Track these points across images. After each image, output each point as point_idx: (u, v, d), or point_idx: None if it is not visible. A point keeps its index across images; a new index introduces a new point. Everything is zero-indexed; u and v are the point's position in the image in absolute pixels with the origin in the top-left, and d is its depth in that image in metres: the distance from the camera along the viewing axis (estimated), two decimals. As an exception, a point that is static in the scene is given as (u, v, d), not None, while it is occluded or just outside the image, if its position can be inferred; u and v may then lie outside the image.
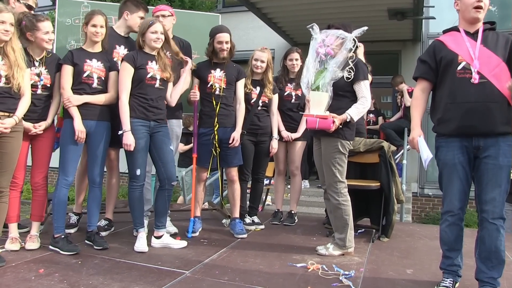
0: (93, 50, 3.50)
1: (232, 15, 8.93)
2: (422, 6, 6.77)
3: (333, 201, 3.42)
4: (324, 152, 3.43)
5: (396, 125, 7.26)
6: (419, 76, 2.82)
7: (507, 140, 2.60)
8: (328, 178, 3.43)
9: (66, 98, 3.34)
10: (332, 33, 3.26)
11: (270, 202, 6.59)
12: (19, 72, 3.10)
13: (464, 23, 2.72)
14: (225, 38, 3.96)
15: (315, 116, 3.22)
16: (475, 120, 2.55)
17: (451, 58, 2.64)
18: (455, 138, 2.65)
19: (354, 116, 3.35)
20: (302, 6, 6.69)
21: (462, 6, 2.67)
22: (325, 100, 3.23)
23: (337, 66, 3.21)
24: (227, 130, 3.97)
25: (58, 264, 3.07)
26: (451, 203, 2.68)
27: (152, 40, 3.46)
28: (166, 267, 3.07)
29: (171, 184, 3.58)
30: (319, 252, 3.46)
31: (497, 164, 2.57)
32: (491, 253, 2.59)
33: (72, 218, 4.02)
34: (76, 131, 3.30)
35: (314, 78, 3.25)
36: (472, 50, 2.60)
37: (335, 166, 3.38)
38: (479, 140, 2.59)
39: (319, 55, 3.25)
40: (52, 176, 5.34)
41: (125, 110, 3.39)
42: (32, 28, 3.34)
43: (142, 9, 3.91)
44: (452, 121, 2.62)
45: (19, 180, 3.39)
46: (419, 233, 4.40)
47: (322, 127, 3.23)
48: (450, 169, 2.69)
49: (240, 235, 3.95)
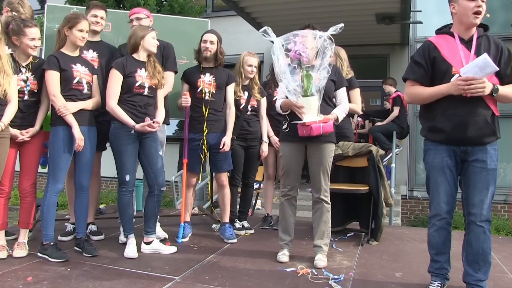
0: (74, 55, 3.47)
1: (221, 20, 8.93)
2: (410, 11, 6.84)
3: (326, 206, 3.38)
4: (320, 156, 3.32)
5: (385, 128, 7.30)
6: (414, 79, 2.76)
7: (493, 145, 2.65)
8: (322, 183, 3.35)
9: (63, 106, 3.27)
10: (305, 33, 3.17)
11: (260, 206, 6.59)
12: (5, 78, 3.08)
13: (459, 27, 2.67)
14: (209, 38, 4.00)
15: (318, 122, 3.14)
16: (464, 133, 2.59)
17: (445, 69, 2.63)
18: (444, 144, 2.69)
19: (341, 116, 3.37)
20: (291, 10, 6.72)
21: (461, 10, 2.60)
22: (316, 104, 3.18)
23: (323, 70, 3.16)
24: (217, 135, 3.97)
25: (47, 271, 3.05)
26: (439, 206, 2.71)
27: (152, 45, 3.50)
28: (156, 273, 3.06)
29: (160, 189, 3.57)
30: (320, 266, 3.25)
31: (485, 168, 2.61)
32: (478, 255, 2.62)
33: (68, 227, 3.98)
34: (77, 140, 3.27)
35: (305, 84, 3.16)
36: (466, 62, 2.58)
37: (328, 170, 3.36)
38: (467, 146, 2.63)
39: (297, 59, 3.14)
40: (40, 181, 5.30)
41: (120, 112, 3.38)
42: (19, 33, 3.31)
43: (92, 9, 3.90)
44: (442, 131, 2.65)
45: (6, 187, 3.35)
46: (408, 236, 4.43)
47: (327, 131, 3.19)
48: (437, 172, 2.71)
49: (230, 240, 3.95)
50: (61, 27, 3.41)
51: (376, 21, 6.95)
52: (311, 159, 3.37)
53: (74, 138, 3.29)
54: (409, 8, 6.66)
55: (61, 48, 3.44)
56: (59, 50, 3.44)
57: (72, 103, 3.34)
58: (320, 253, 3.37)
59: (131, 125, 3.38)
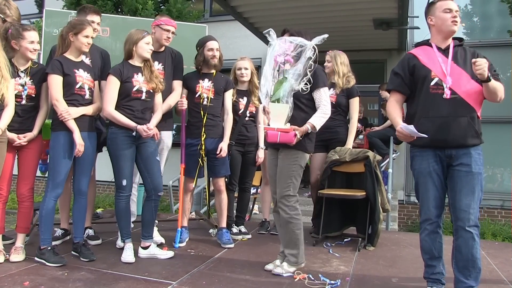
0: (77, 60, 3.48)
1: (219, 24, 8.96)
2: (407, 16, 6.87)
3: (283, 215, 3.20)
4: (282, 163, 3.21)
5: (382, 133, 7.31)
6: (393, 89, 2.90)
7: (477, 149, 2.69)
8: (281, 190, 3.21)
9: (65, 111, 3.27)
10: (291, 40, 3.10)
11: (257, 211, 6.60)
12: (3, 83, 3.09)
13: (438, 37, 2.81)
14: (215, 45, 4.02)
15: (276, 130, 3.03)
16: (447, 134, 2.65)
17: (424, 74, 2.74)
18: (429, 149, 2.74)
19: (317, 125, 3.20)
20: (289, 16, 6.74)
21: (438, 21, 2.77)
22: (285, 112, 3.06)
23: (295, 76, 3.04)
24: (214, 140, 3.99)
25: (44, 276, 3.05)
26: (429, 211, 2.75)
27: (146, 51, 3.50)
28: (153, 278, 3.06)
29: (157, 194, 3.58)
30: (275, 272, 3.20)
31: (470, 172, 2.64)
32: (468, 261, 2.64)
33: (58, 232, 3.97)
34: (78, 145, 3.28)
35: (273, 89, 3.08)
36: (444, 66, 2.69)
37: (291, 179, 3.19)
38: (451, 150, 2.68)
39: (278, 64, 3.08)
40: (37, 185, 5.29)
41: (119, 116, 3.40)
42: (18, 37, 3.33)
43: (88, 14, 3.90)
44: (426, 134, 2.66)
45: (4, 191, 3.36)
46: (404, 241, 4.44)
47: (284, 141, 3.05)
48: (425, 177, 2.76)
49: (227, 245, 3.95)
50: (65, 32, 3.40)
51: (373, 26, 6.99)
52: (278, 166, 3.27)
53: (75, 144, 3.29)
54: (406, 14, 6.69)
55: (65, 53, 3.44)
56: (62, 54, 3.43)
57: (74, 108, 3.34)
58: (285, 261, 3.26)
59: (133, 126, 3.39)
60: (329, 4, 6.32)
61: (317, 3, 6.30)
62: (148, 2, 7.14)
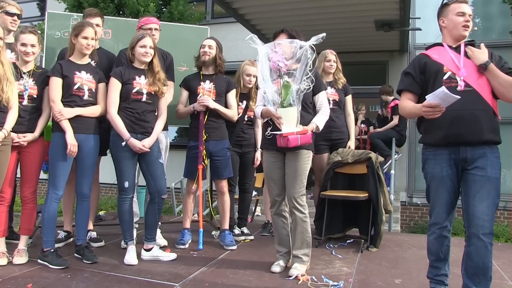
0: (81, 62, 3.49)
1: (221, 26, 8.97)
2: (408, 17, 6.87)
3: (299, 215, 3.25)
4: (295, 164, 3.24)
5: (384, 135, 7.31)
6: (404, 88, 2.81)
7: (495, 152, 2.59)
8: (297, 190, 3.25)
9: (58, 111, 3.30)
10: (287, 42, 3.12)
11: (260, 213, 6.59)
12: (8, 86, 3.10)
13: (449, 39, 2.76)
14: (208, 43, 4.04)
15: (296, 133, 3.06)
16: (462, 128, 2.54)
17: (436, 68, 2.67)
18: (443, 150, 2.64)
19: (320, 125, 3.29)
20: (290, 17, 6.74)
21: (450, 24, 2.72)
22: (296, 115, 3.10)
23: (299, 78, 3.08)
24: (217, 142, 3.99)
25: (47, 278, 3.05)
26: (439, 215, 2.68)
27: (141, 54, 3.48)
28: (156, 280, 3.07)
29: (161, 197, 3.57)
30: (291, 274, 3.18)
31: (485, 176, 2.53)
32: (478, 269, 2.50)
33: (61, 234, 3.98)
34: (68, 145, 3.28)
35: (282, 95, 3.09)
36: (457, 60, 2.64)
37: (304, 178, 3.27)
38: (467, 151, 2.57)
39: (277, 68, 3.08)
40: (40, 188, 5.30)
41: (118, 122, 3.40)
42: (16, 39, 3.38)
43: (87, 17, 3.91)
44: (439, 129, 2.61)
45: (7, 194, 3.36)
46: (407, 242, 4.44)
47: (304, 143, 3.13)
48: (438, 182, 2.67)
49: (230, 247, 3.96)
50: (70, 35, 3.47)
51: (375, 27, 6.99)
52: (287, 167, 3.30)
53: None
54: (408, 15, 6.69)
55: (71, 57, 3.49)
56: (68, 58, 3.49)
57: (68, 109, 3.35)
58: (297, 262, 3.28)
59: (126, 136, 3.38)
60: (330, 6, 6.32)
61: (319, 5, 6.30)
62: (150, 4, 7.15)
